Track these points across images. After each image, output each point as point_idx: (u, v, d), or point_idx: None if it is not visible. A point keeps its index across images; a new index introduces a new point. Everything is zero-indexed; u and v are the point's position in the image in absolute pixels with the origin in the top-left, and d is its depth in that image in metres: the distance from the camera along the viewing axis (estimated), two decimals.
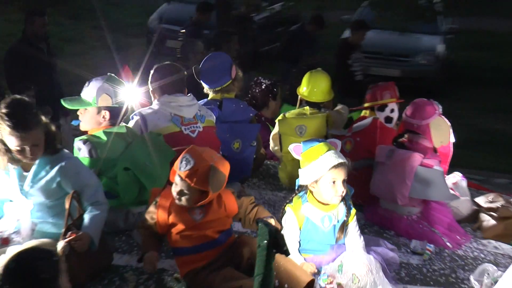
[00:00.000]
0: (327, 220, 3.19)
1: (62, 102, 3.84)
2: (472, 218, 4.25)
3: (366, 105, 4.74)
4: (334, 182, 3.12)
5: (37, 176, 3.17)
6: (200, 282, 2.95)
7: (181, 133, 3.95)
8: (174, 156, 3.68)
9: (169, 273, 3.21)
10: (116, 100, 3.78)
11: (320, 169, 3.12)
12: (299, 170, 3.25)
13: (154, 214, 3.04)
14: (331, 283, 2.99)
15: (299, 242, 3.24)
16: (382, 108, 4.66)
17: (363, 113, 4.80)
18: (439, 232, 3.88)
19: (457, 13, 12.74)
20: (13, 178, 3.20)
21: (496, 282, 3.06)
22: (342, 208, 3.22)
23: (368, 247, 3.28)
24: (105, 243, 3.26)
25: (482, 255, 3.74)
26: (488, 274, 3.18)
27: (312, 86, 4.81)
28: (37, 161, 3.16)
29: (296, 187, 3.34)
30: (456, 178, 4.33)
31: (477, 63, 13.27)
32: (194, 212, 3.00)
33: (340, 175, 3.12)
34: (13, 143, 3.04)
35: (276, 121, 4.75)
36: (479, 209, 4.23)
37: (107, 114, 3.75)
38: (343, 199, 3.20)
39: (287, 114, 4.75)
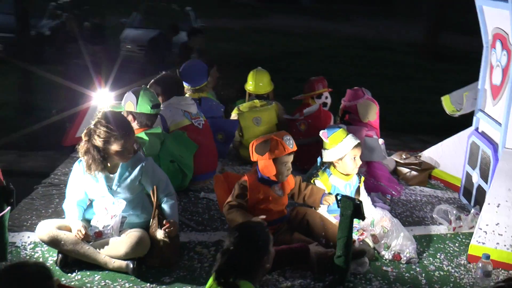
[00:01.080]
0: (348, 187, 4.25)
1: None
2: (392, 172, 5.64)
3: (307, 95, 5.84)
4: (354, 158, 4.18)
5: (122, 176, 3.72)
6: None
7: (192, 125, 4.83)
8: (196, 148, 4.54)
9: None
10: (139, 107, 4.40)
11: (345, 149, 4.16)
12: (325, 150, 4.23)
13: (245, 194, 3.80)
14: (362, 234, 4.05)
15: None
16: (319, 96, 5.83)
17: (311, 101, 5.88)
18: (384, 185, 5.18)
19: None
20: (101, 181, 3.71)
21: (458, 217, 4.43)
22: (355, 177, 4.29)
23: (374, 203, 4.42)
24: None
25: (419, 197, 5.14)
26: (448, 211, 4.53)
27: (257, 81, 5.79)
28: (120, 164, 3.68)
29: (319, 164, 4.32)
30: (380, 142, 5.66)
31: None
32: (275, 188, 3.85)
33: (358, 152, 4.19)
34: (118, 147, 3.59)
35: (235, 115, 5.59)
36: (397, 164, 5.64)
37: (130, 117, 4.35)
38: None
39: (241, 107, 5.64)
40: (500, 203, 4.06)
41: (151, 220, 3.74)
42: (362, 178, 4.40)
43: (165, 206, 3.77)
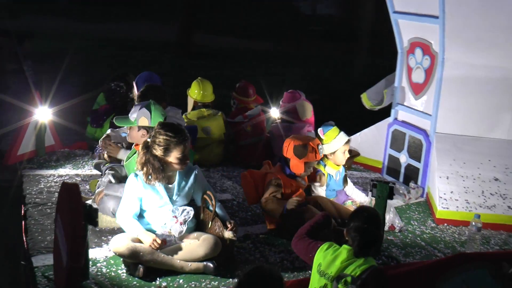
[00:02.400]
0: (338, 175, 5.03)
1: (114, 120, 4.55)
2: None
3: (243, 99, 6.43)
4: (344, 152, 4.97)
5: (180, 185, 4.03)
6: None
7: None
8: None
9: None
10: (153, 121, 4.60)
11: (338, 144, 4.92)
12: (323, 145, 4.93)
13: (280, 189, 4.36)
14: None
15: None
16: (255, 100, 6.45)
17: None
18: None
19: None
20: (161, 191, 3.95)
21: (408, 191, 5.48)
22: (342, 167, 5.09)
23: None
24: None
25: (355, 180, 6.07)
26: (396, 187, 5.53)
27: (203, 90, 6.19)
28: (177, 174, 3.98)
29: None
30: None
31: None
32: (299, 180, 4.51)
33: (347, 147, 4.99)
34: (178, 153, 3.89)
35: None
36: None
37: (142, 132, 4.52)
38: None
39: (189, 116, 6.01)
40: (448, 176, 5.22)
41: (210, 222, 4.08)
42: (346, 167, 5.22)
43: (217, 209, 4.13)
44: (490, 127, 5.47)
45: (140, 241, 3.86)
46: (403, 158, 5.93)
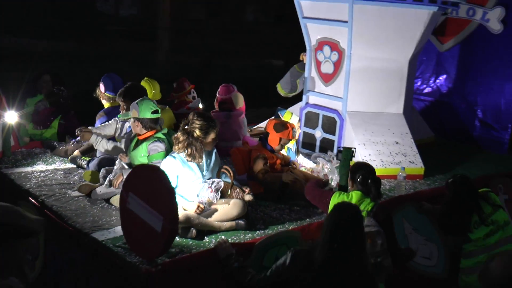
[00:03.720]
0: (293, 147, 6.39)
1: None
2: None
3: (181, 93, 7.40)
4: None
5: (207, 162, 5.11)
6: None
7: None
8: None
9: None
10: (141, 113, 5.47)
11: (293, 123, 6.28)
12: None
13: (267, 160, 5.60)
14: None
15: None
16: (189, 91, 7.45)
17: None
18: None
19: None
20: (195, 168, 5.00)
21: (333, 158, 7.01)
22: (294, 142, 6.45)
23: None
24: None
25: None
26: (321, 156, 7.03)
27: (154, 89, 7.04)
28: (204, 154, 5.03)
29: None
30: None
31: None
32: (277, 154, 5.81)
33: (298, 126, 6.37)
34: (213, 135, 5.00)
35: None
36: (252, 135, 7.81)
37: (137, 122, 5.43)
38: None
39: None
40: (364, 143, 6.86)
41: (229, 190, 5.18)
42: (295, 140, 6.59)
43: (228, 179, 5.24)
44: (387, 104, 7.24)
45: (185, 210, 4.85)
46: (318, 134, 7.46)
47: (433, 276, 5.85)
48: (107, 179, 5.49)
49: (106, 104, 6.72)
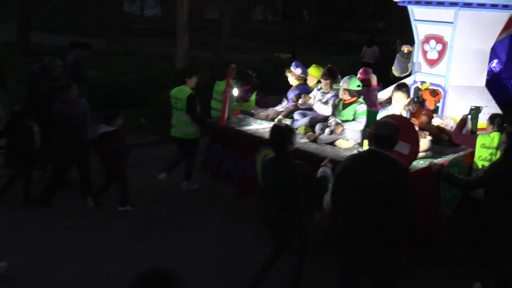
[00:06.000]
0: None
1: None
2: None
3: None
4: None
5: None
6: None
7: None
8: None
9: None
10: None
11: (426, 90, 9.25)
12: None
13: (430, 116, 8.57)
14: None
15: None
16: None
17: None
18: None
19: None
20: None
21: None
22: None
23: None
24: None
25: None
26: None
27: (320, 71, 9.83)
28: None
29: None
30: None
31: None
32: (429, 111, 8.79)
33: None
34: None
35: None
36: None
37: (346, 91, 8.30)
38: None
39: None
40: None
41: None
42: None
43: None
44: (475, 80, 10.28)
45: None
46: None
47: None
48: (327, 130, 8.32)
49: (295, 82, 9.49)
